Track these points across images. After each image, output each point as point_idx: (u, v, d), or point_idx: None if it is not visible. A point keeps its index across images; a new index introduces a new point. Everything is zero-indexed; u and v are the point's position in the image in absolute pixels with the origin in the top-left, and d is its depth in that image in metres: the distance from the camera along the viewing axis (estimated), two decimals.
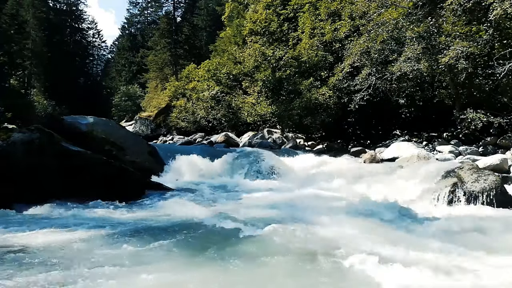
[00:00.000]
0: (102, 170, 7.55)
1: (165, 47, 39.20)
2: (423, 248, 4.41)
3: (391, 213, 6.20)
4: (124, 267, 3.79)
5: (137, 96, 43.08)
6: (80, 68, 50.34)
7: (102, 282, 3.40)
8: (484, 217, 5.89)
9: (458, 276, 3.62)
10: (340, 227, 5.30)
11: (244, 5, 28.50)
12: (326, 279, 3.56)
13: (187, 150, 12.52)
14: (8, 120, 14.74)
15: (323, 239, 4.74)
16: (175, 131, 29.19)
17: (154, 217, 5.93)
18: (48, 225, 5.23)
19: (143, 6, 56.72)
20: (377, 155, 12.79)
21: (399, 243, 4.58)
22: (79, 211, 6.15)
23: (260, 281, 3.56)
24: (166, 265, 3.85)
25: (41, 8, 36.71)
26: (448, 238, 4.89)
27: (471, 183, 6.89)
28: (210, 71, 23.17)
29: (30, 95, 28.50)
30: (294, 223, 5.45)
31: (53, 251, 4.21)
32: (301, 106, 17.11)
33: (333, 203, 7.11)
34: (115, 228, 5.17)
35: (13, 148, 6.69)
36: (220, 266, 3.84)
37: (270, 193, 8.47)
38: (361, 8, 14.90)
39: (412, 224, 5.65)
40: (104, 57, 62.19)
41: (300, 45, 19.08)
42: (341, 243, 4.52)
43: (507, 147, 11.64)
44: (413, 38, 13.32)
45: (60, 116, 13.08)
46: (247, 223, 5.39)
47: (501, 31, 11.79)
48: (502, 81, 11.88)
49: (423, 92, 14.88)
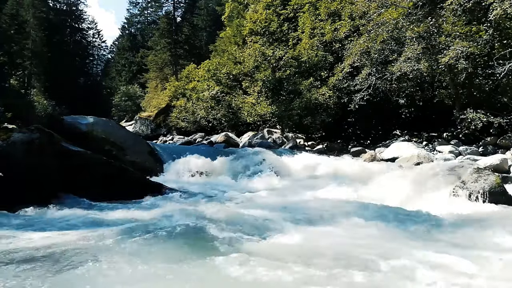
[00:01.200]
0: (102, 170, 7.56)
1: (165, 47, 39.23)
2: (424, 248, 4.41)
3: (391, 213, 6.20)
4: (124, 267, 3.78)
5: (137, 96, 43.09)
6: (80, 68, 50.38)
7: (102, 282, 3.40)
8: (485, 216, 5.89)
9: (467, 275, 3.62)
10: (341, 227, 5.29)
11: (244, 5, 28.49)
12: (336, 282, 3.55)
13: (187, 150, 12.53)
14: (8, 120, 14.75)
15: (324, 240, 4.74)
16: (175, 131, 29.19)
17: (154, 217, 5.93)
18: (48, 225, 5.23)
19: (143, 6, 56.78)
20: (377, 155, 12.80)
21: (400, 243, 4.58)
22: (79, 211, 6.15)
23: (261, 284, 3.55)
24: (166, 264, 3.85)
25: (41, 8, 36.69)
26: (449, 238, 4.89)
27: (471, 183, 6.89)
28: (210, 71, 23.18)
29: (30, 95, 28.48)
30: (296, 224, 5.44)
31: (52, 251, 4.21)
32: (301, 106, 17.12)
33: (333, 204, 7.10)
34: (115, 228, 5.16)
35: (13, 148, 6.69)
36: (219, 266, 3.84)
37: (270, 193, 8.48)
38: (361, 8, 14.90)
39: (413, 224, 5.65)
40: (104, 57, 62.25)
41: (300, 45, 19.08)
42: (344, 245, 4.52)
43: (507, 147, 11.64)
44: (413, 38, 13.33)
45: (60, 116, 13.10)
46: (247, 223, 5.38)
47: (501, 31, 11.80)
48: (502, 81, 11.89)
49: (423, 92, 14.89)
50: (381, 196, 7.19)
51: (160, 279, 3.50)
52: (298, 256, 4.14)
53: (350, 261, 3.95)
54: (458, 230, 5.26)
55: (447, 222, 5.62)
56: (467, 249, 4.44)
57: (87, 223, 5.43)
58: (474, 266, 3.91)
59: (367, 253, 4.22)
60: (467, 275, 3.69)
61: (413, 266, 3.80)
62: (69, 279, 3.47)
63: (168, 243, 4.55)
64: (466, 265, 3.95)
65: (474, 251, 4.37)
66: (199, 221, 5.53)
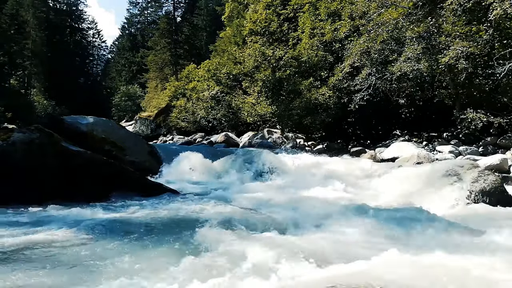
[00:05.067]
0: (102, 170, 7.55)
1: (165, 47, 39.26)
2: (423, 248, 4.41)
3: (391, 213, 6.20)
4: (123, 267, 3.79)
5: (137, 96, 43.13)
6: (80, 68, 50.37)
7: (102, 282, 3.40)
8: (485, 216, 5.90)
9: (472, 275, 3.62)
10: (342, 228, 5.29)
11: (244, 5, 28.49)
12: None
13: (187, 150, 12.52)
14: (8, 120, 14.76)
15: (325, 241, 4.74)
16: (175, 131, 29.20)
17: (154, 217, 5.93)
18: (48, 225, 5.23)
19: (143, 6, 56.84)
20: (377, 155, 12.80)
21: (398, 242, 4.58)
22: (79, 211, 6.15)
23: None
24: (165, 264, 3.85)
25: (41, 8, 36.71)
26: (449, 238, 4.89)
27: (471, 183, 6.89)
28: (210, 71, 23.20)
29: (30, 95, 28.52)
30: (297, 224, 5.44)
31: (52, 251, 4.21)
32: (301, 106, 17.12)
33: (333, 204, 7.10)
34: (115, 228, 5.17)
35: (13, 148, 6.69)
36: (218, 266, 3.84)
37: (270, 193, 8.47)
38: (361, 8, 14.89)
39: (412, 224, 5.64)
40: (104, 57, 62.29)
41: (300, 45, 19.08)
42: (347, 245, 4.52)
43: (507, 147, 11.64)
44: (413, 38, 13.32)
45: (60, 116, 13.09)
46: (247, 224, 5.39)
47: (501, 31, 11.80)
48: (502, 81, 11.88)
49: (423, 92, 14.88)
50: (381, 196, 7.19)
51: (159, 279, 3.50)
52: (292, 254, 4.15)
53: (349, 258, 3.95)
54: (457, 230, 5.26)
55: (446, 222, 5.62)
56: (466, 249, 4.44)
57: (87, 222, 5.43)
58: (473, 266, 3.91)
59: (366, 251, 4.22)
60: (467, 274, 3.69)
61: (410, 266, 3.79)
62: (68, 278, 3.48)
63: (167, 242, 4.56)
64: (465, 264, 3.95)
65: (474, 251, 4.37)
66: (198, 221, 5.53)
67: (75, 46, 50.18)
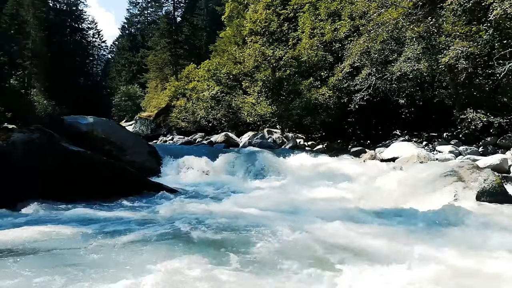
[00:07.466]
0: (102, 170, 7.56)
1: (165, 47, 39.20)
2: (423, 247, 4.41)
3: (391, 213, 6.20)
4: (123, 266, 3.79)
5: (137, 96, 43.11)
6: (80, 68, 50.23)
7: (101, 282, 3.40)
8: (485, 216, 5.89)
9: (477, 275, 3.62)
10: (343, 228, 5.29)
11: (244, 5, 28.47)
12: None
13: (187, 150, 12.53)
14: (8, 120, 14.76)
15: (326, 241, 4.74)
16: (175, 131, 29.19)
17: (153, 217, 5.94)
18: (48, 224, 5.23)
19: (143, 6, 56.80)
20: (377, 155, 12.79)
21: (399, 241, 4.58)
22: (79, 211, 6.16)
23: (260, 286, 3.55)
24: (164, 264, 3.85)
25: (41, 8, 36.62)
26: (449, 238, 4.89)
27: (471, 183, 6.89)
28: (210, 71, 23.18)
29: (30, 95, 28.48)
30: (298, 225, 5.43)
31: (52, 251, 4.22)
32: (301, 106, 17.12)
33: (333, 204, 7.10)
34: (115, 228, 5.18)
35: (13, 148, 6.69)
36: (218, 266, 3.84)
37: (270, 193, 8.47)
38: (361, 8, 14.88)
39: (412, 224, 5.65)
40: (104, 57, 62.18)
41: (300, 45, 19.08)
42: (347, 245, 4.52)
43: (507, 147, 11.63)
44: (413, 38, 13.32)
45: (60, 116, 13.09)
46: (246, 224, 5.39)
47: (501, 31, 11.78)
48: (502, 81, 11.87)
49: (423, 92, 14.87)
50: (381, 196, 7.19)
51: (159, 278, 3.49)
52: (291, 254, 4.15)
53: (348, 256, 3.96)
54: (458, 230, 5.26)
55: (447, 222, 5.62)
56: (466, 248, 4.44)
57: (87, 222, 5.44)
58: (474, 265, 3.92)
59: (366, 250, 4.22)
60: (467, 274, 3.70)
61: (411, 265, 3.80)
62: (68, 278, 3.48)
63: (167, 242, 4.56)
64: (465, 264, 3.95)
65: (474, 251, 4.37)
66: (198, 221, 5.53)
67: (75, 46, 50.06)
